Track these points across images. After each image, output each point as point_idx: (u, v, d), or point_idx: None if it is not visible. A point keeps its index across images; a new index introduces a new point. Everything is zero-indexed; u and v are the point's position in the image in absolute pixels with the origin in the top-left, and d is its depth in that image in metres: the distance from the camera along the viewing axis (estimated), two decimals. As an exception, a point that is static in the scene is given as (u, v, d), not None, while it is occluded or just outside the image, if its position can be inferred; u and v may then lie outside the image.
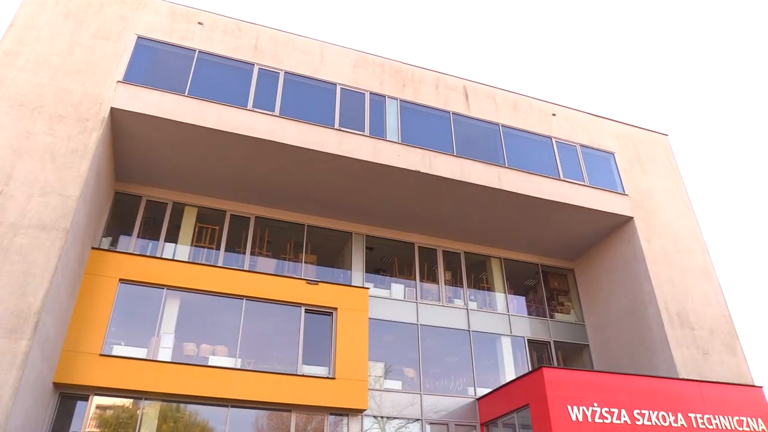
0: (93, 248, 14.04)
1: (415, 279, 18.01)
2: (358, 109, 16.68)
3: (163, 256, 15.26)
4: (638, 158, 20.32)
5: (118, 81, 14.23)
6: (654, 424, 14.33)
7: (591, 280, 19.87)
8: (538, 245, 19.59)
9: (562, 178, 18.05)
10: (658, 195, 19.71)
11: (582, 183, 18.30)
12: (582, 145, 19.43)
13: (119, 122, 14.07)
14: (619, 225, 18.81)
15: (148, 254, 15.13)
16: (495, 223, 18.22)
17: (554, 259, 20.43)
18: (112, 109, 13.78)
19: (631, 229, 18.52)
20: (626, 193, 18.96)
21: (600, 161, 19.45)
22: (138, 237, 15.48)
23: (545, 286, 19.99)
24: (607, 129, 20.43)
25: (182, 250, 15.75)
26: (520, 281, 20.01)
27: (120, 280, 13.89)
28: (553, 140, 19.02)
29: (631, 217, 18.54)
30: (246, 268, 15.94)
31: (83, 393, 12.82)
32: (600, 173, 19.01)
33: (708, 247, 19.35)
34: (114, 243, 15.39)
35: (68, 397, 12.81)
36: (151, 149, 14.81)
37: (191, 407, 13.74)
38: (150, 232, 15.81)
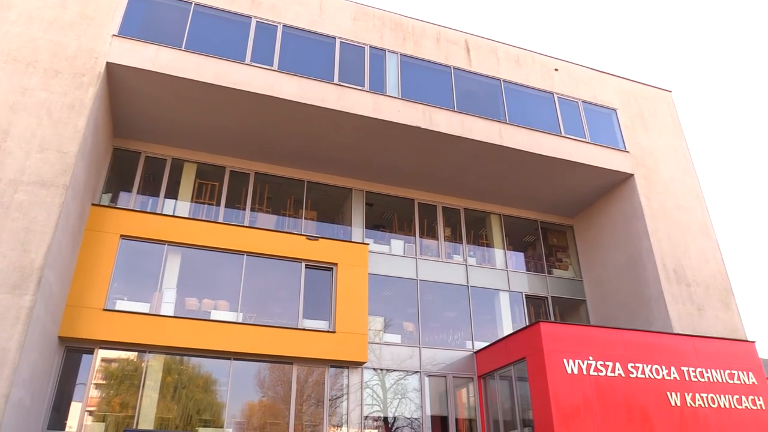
0: (93, 204, 14.07)
1: (414, 235, 18.10)
2: (357, 64, 16.44)
3: (164, 213, 15.30)
4: (640, 115, 20.14)
5: (113, 35, 13.98)
6: (647, 377, 14.65)
7: (590, 237, 19.97)
8: (538, 202, 19.61)
9: (563, 134, 17.93)
10: (660, 152, 19.62)
11: (583, 140, 18.18)
12: (584, 101, 19.22)
13: (115, 77, 13.89)
14: (619, 182, 18.79)
15: (148, 210, 15.17)
16: (495, 179, 18.19)
17: (554, 215, 20.48)
18: (107, 63, 13.58)
19: (632, 186, 18.51)
20: (627, 150, 18.86)
21: (602, 118, 19.28)
22: (138, 193, 15.50)
23: (544, 242, 20.11)
24: (610, 85, 20.17)
25: (182, 206, 15.79)
26: (519, 237, 20.12)
27: (121, 236, 13.97)
28: (555, 96, 18.81)
29: (632, 174, 18.50)
30: (246, 224, 16.02)
31: (88, 346, 13.08)
32: (601, 130, 18.88)
33: (707, 204, 19.40)
34: (114, 199, 15.42)
35: (74, 351, 13.08)
36: (148, 105, 14.67)
37: (194, 360, 14.04)
38: (150, 188, 15.81)
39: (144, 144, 15.90)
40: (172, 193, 15.85)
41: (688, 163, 20.00)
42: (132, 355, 13.56)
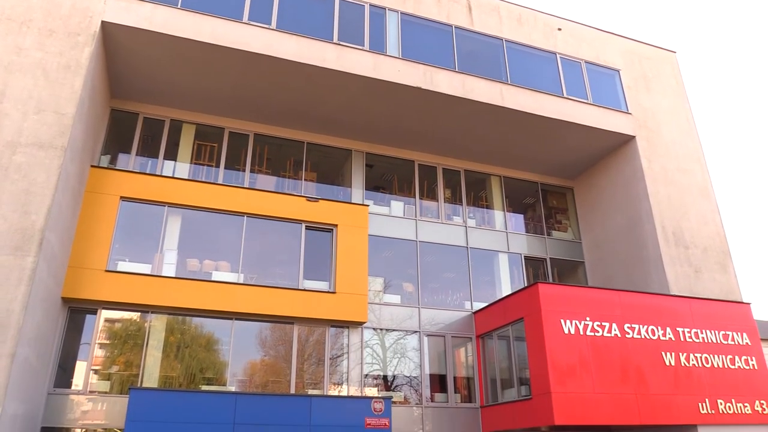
0: (92, 166, 14.03)
1: (414, 196, 18.11)
2: (357, 23, 16.14)
3: (163, 174, 15.26)
4: (644, 76, 19.88)
5: (108, -8, 13.69)
6: (643, 337, 14.88)
7: (590, 199, 19.98)
8: (539, 164, 19.55)
9: (565, 95, 17.74)
10: (662, 114, 19.44)
11: (585, 101, 18.00)
12: (587, 62, 18.95)
13: (111, 37, 13.66)
14: (620, 144, 18.68)
15: (147, 172, 15.13)
16: (496, 141, 18.08)
17: (554, 177, 20.45)
18: (102, 22, 13.33)
19: (633, 148, 18.42)
20: (629, 111, 18.70)
21: (605, 78, 19.05)
22: (137, 155, 15.43)
23: (544, 204, 20.13)
24: (614, 45, 19.85)
25: (181, 167, 15.74)
26: (519, 199, 20.12)
27: (121, 197, 13.98)
28: (558, 56, 18.53)
29: (633, 137, 18.39)
30: (246, 185, 16.00)
31: (91, 307, 13.25)
32: (604, 91, 18.67)
33: (708, 167, 19.34)
34: (113, 161, 15.37)
35: (77, 311, 13.26)
36: (145, 65, 14.47)
37: (197, 320, 14.24)
38: (148, 149, 15.74)
39: (142, 105, 15.75)
40: (171, 155, 15.78)
41: (690, 125, 19.85)
42: (135, 316, 13.74)
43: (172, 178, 14.97)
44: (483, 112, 16.69)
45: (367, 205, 16.53)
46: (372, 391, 15.20)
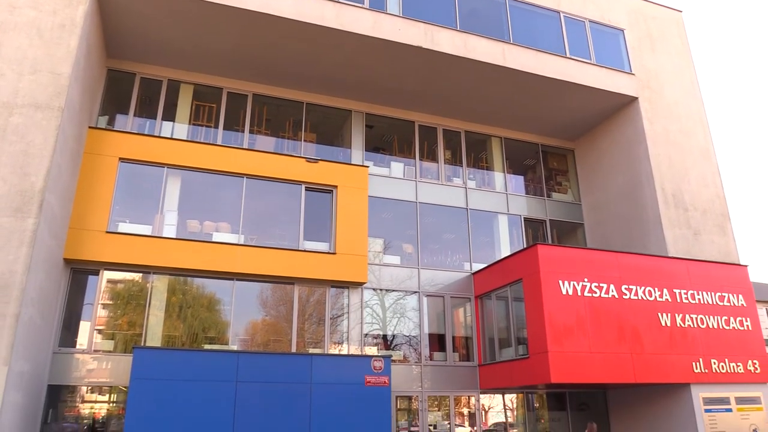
0: (90, 127, 13.93)
1: (414, 157, 18.03)
2: (357, -21, 15.76)
3: (162, 135, 15.16)
4: (649, 36, 19.54)
5: (101, -53, 13.33)
6: (640, 298, 15.05)
7: (590, 161, 19.90)
8: (540, 125, 19.39)
9: (568, 55, 17.47)
10: (665, 75, 19.19)
11: (588, 61, 17.74)
12: (591, 21, 18.59)
13: (106, -7, 13.37)
14: (623, 105, 18.49)
15: (146, 133, 15.02)
16: (497, 101, 17.89)
17: (555, 139, 20.32)
18: (97, -21, 13.04)
19: (635, 110, 18.24)
20: (633, 72, 18.44)
21: (609, 38, 18.72)
22: (135, 116, 15.28)
23: (544, 165, 20.06)
24: (619, 4, 19.42)
25: (180, 128, 15.62)
26: (519, 161, 20.04)
27: (120, 159, 13.92)
28: (561, 15, 18.17)
29: (636, 98, 18.19)
30: (245, 146, 15.91)
31: (93, 268, 13.36)
32: (607, 51, 18.37)
33: (710, 129, 19.20)
34: (111, 122, 15.23)
35: (79, 272, 13.37)
36: (141, 23, 14.19)
37: (198, 281, 14.37)
38: (146, 110, 15.59)
39: (139, 65, 15.52)
40: (170, 116, 15.64)
41: (693, 86, 19.61)
42: (137, 276, 13.86)
43: (171, 139, 14.88)
44: (484, 71, 16.47)
45: (367, 166, 16.48)
46: (372, 350, 15.45)
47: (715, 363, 15.33)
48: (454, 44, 15.90)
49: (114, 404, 13.05)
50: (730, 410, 15.41)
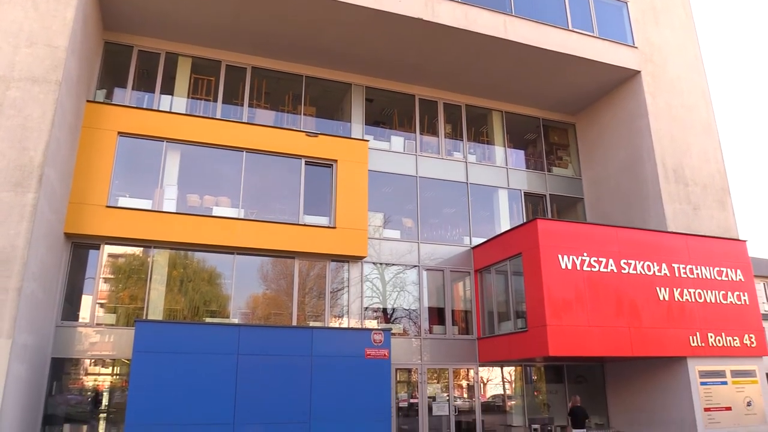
0: (88, 101, 13.83)
1: (415, 131, 17.95)
2: (356, -52, 15.47)
3: (160, 109, 15.06)
4: (653, 8, 19.27)
5: None
6: (639, 272, 15.13)
7: (591, 135, 19.81)
8: (541, 99, 19.25)
9: (570, 28, 17.25)
10: (669, 48, 18.97)
11: (591, 34, 17.53)
12: (594, -8, 18.33)
13: (101, -36, 13.16)
14: (625, 79, 18.33)
15: (144, 107, 14.92)
16: (498, 74, 17.72)
17: (556, 113, 20.19)
18: (92, -52, 12.81)
19: (637, 84, 18.09)
20: (636, 45, 18.23)
21: (612, 10, 18.46)
22: (133, 89, 15.15)
23: (545, 140, 19.97)
24: (623, -26, 19.14)
25: (179, 102, 15.50)
26: (520, 135, 19.94)
27: (119, 133, 13.85)
28: (565, -15, 17.90)
29: (639, 72, 18.02)
30: (244, 120, 15.81)
31: (94, 242, 13.40)
32: (610, 24, 18.13)
33: (713, 103, 19.07)
34: (109, 96, 15.09)
35: (80, 247, 13.42)
36: (138, -6, 13.99)
37: (199, 255, 14.43)
38: (144, 84, 15.44)
39: (136, 37, 15.32)
40: (168, 89, 15.51)
41: (697, 60, 19.41)
42: (137, 251, 13.91)
43: (170, 113, 14.78)
44: (485, 44, 16.28)
45: (367, 140, 16.41)
46: (372, 324, 15.59)
47: (711, 337, 15.48)
48: (454, 16, 15.69)
49: (117, 377, 13.22)
50: (725, 383, 15.62)
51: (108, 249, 13.58)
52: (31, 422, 11.58)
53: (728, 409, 15.47)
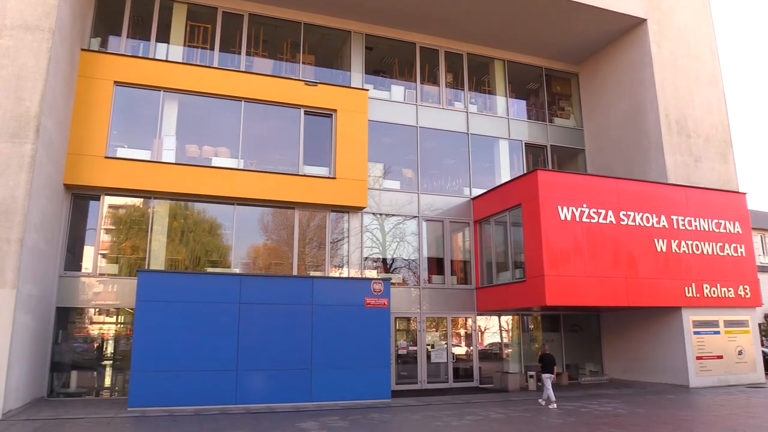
0: (83, 50, 13.55)
1: (415, 81, 17.68)
2: None
3: (156, 57, 14.78)
4: (661, -47, 18.68)
5: None
6: (638, 224, 15.19)
7: (595, 85, 19.52)
8: (545, 47, 18.87)
9: (576, -27, 16.76)
10: (677, -5, 18.48)
11: (597, -20, 17.05)
12: (602, -65, 17.70)
13: None
14: (631, 27, 17.92)
15: (140, 55, 14.64)
16: (501, 22, 17.31)
17: (559, 62, 19.83)
18: None
19: (643, 33, 17.70)
20: (643, -8, 17.77)
21: (619, -44, 17.91)
22: (127, 37, 14.83)
23: (547, 90, 19.69)
24: None
25: (175, 50, 15.20)
26: (522, 85, 19.66)
27: (115, 82, 13.64)
28: (571, -71, 17.27)
29: (645, 20, 17.60)
30: (242, 69, 15.55)
31: (94, 193, 13.40)
32: (618, -31, 17.61)
33: (719, 54, 18.70)
34: (104, 44, 14.79)
35: (80, 198, 13.43)
36: (130, -64, 13.53)
37: (199, 205, 14.46)
38: (139, 32, 15.11)
39: (129, -19, 14.92)
40: (164, 37, 15.18)
41: (705, 8, 18.93)
42: (138, 202, 13.93)
43: (166, 61, 14.52)
44: (488, -10, 15.85)
45: (367, 90, 16.19)
46: (372, 274, 15.76)
47: (707, 288, 15.68)
48: (457, -39, 15.21)
49: (121, 325, 13.46)
50: (717, 332, 15.93)
51: (108, 200, 13.59)
52: (40, 369, 11.88)
53: (720, 357, 15.84)
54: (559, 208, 14.32)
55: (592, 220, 14.65)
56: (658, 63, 17.40)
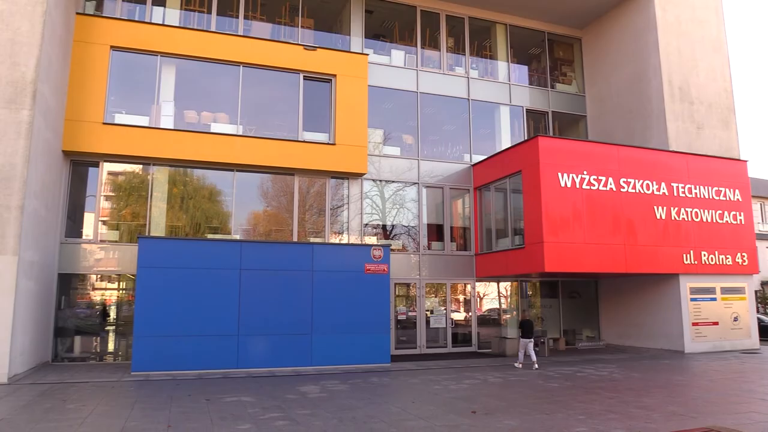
0: (78, 13, 13.33)
1: (416, 45, 17.43)
2: None
3: (153, 21, 14.53)
4: None
5: None
6: (638, 191, 15.18)
7: (597, 51, 19.26)
8: (547, 11, 18.54)
9: (581, -67, 16.37)
10: (683, -44, 18.08)
11: (603, -60, 16.66)
12: None
13: None
14: (635, -11, 17.62)
15: (136, 19, 14.39)
16: (503, -15, 17.01)
17: (562, 26, 19.52)
18: None
19: (648, -5, 17.40)
20: (649, -48, 17.38)
21: None
22: (123, 0, 14.57)
23: (550, 55, 19.43)
24: None
25: (171, 14, 14.93)
26: (524, 50, 19.39)
27: (111, 47, 13.45)
28: None
29: (650, -19, 17.30)
30: (240, 33, 15.31)
31: (93, 160, 13.35)
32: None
33: (725, 19, 18.39)
34: (99, 8, 14.51)
35: (79, 164, 13.38)
36: None
37: (198, 172, 14.42)
38: (135, -6, 14.85)
39: (124, -58, 14.57)
40: (160, 0, 14.91)
41: (712, -30, 18.56)
42: (137, 168, 13.88)
43: (163, 25, 14.27)
44: (491, -48, 15.50)
45: (367, 54, 15.98)
46: (371, 240, 15.82)
47: (705, 255, 15.76)
48: None
49: (123, 291, 13.57)
50: (714, 299, 16.08)
51: (107, 166, 13.55)
52: (44, 334, 12.02)
53: (715, 324, 16.02)
54: (560, 174, 14.30)
55: (592, 187, 14.64)
56: (663, 27, 17.13)
